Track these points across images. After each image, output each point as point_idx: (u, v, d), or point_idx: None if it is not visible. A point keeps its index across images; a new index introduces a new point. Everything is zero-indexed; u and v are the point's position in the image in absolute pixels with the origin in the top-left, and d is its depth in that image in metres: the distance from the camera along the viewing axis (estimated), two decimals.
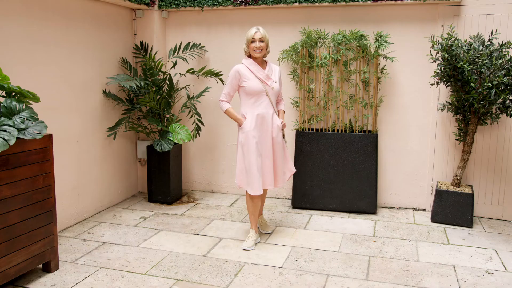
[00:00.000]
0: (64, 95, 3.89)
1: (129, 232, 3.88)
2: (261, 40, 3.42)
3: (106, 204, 4.54)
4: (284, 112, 3.79)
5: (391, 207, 4.59)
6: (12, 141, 2.56)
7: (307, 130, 4.51)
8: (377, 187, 4.50)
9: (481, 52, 3.61)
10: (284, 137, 3.67)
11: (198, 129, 4.78)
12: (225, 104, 3.52)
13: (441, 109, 4.20)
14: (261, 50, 3.43)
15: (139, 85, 4.36)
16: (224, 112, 3.53)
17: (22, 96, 2.87)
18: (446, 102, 4.14)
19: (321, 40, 4.35)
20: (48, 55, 3.69)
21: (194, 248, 3.53)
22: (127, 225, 4.06)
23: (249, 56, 3.51)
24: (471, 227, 4.01)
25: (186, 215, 4.34)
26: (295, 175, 4.48)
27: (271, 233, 3.84)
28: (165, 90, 4.67)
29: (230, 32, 4.80)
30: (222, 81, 4.72)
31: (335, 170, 4.39)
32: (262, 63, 3.54)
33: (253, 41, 3.43)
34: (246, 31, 3.80)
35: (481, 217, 4.32)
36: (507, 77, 3.52)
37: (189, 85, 4.95)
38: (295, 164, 4.47)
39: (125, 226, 4.02)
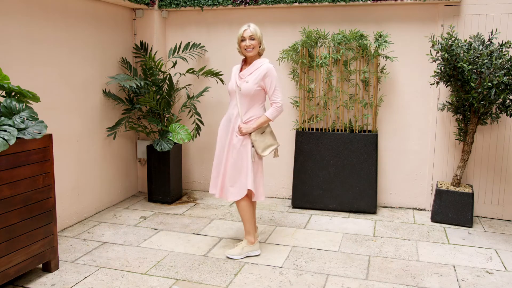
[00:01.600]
0: (64, 95, 3.89)
1: (129, 232, 3.88)
2: (251, 38, 3.19)
3: (106, 204, 4.54)
4: (268, 120, 3.24)
5: (391, 207, 4.59)
6: (12, 141, 2.56)
7: (307, 130, 4.51)
8: (377, 186, 4.50)
9: (481, 51, 3.61)
10: (253, 145, 3.22)
11: (198, 129, 4.78)
12: None
13: (441, 109, 4.20)
14: (253, 48, 3.20)
15: (139, 85, 4.36)
16: None
17: (22, 96, 2.87)
18: (446, 101, 4.14)
19: (321, 40, 4.35)
20: (48, 55, 3.69)
21: (194, 248, 3.53)
22: (127, 225, 4.06)
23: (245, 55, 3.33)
24: (471, 227, 4.01)
25: (186, 215, 4.34)
26: (295, 174, 4.48)
27: (257, 255, 3.40)
28: (165, 90, 4.67)
29: (230, 32, 4.79)
30: (222, 81, 4.72)
31: (335, 170, 4.39)
32: (252, 61, 3.28)
33: (243, 39, 3.22)
34: None
35: (481, 216, 4.32)
36: (507, 77, 3.52)
37: (189, 85, 4.95)
38: (295, 164, 4.47)
39: (125, 226, 4.02)
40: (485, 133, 4.23)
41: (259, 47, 3.26)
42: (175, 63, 4.77)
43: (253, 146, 3.23)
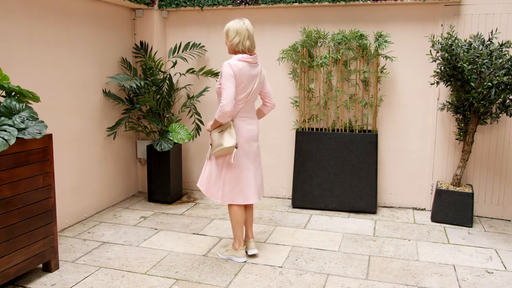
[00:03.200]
0: (64, 95, 3.89)
1: (129, 231, 3.88)
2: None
3: (106, 204, 4.54)
4: (216, 120, 3.10)
5: (391, 207, 4.59)
6: (12, 141, 2.56)
7: (307, 130, 4.51)
8: (377, 186, 4.50)
9: (481, 51, 3.61)
10: (211, 144, 3.22)
11: (198, 128, 4.78)
12: None
13: (441, 109, 4.20)
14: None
15: (139, 84, 4.36)
16: None
17: (22, 95, 2.87)
18: (446, 101, 4.14)
19: (321, 40, 4.35)
20: (48, 55, 3.69)
21: (194, 248, 3.53)
22: (127, 224, 4.06)
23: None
24: (471, 227, 4.01)
25: (186, 214, 4.34)
26: (295, 174, 4.48)
27: (240, 261, 3.32)
28: (165, 90, 4.67)
29: None
30: None
31: (335, 169, 4.39)
32: None
33: None
34: None
35: (481, 216, 4.32)
36: (507, 77, 3.52)
37: (189, 84, 4.95)
38: (295, 164, 4.48)
39: (125, 226, 4.02)
40: (485, 133, 4.23)
41: (228, 43, 3.14)
42: (175, 63, 4.77)
43: (211, 144, 3.23)
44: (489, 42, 3.76)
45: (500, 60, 3.53)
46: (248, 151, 3.21)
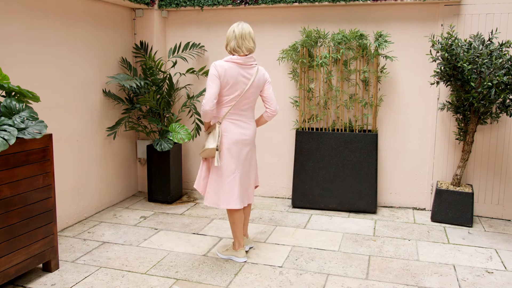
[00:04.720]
0: (64, 95, 3.89)
1: (129, 231, 3.88)
2: None
3: (106, 204, 4.54)
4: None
5: (391, 207, 4.59)
6: (12, 141, 2.56)
7: (307, 130, 4.51)
8: (377, 186, 4.50)
9: (481, 51, 3.61)
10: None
11: (198, 128, 4.78)
12: None
13: (441, 109, 4.19)
14: None
15: (139, 84, 4.36)
16: None
17: (22, 95, 2.87)
18: (446, 101, 4.14)
19: (321, 40, 4.35)
20: (48, 55, 3.69)
21: (194, 248, 3.53)
22: (127, 224, 4.06)
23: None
24: (471, 227, 4.01)
25: (186, 214, 4.34)
26: (295, 174, 4.49)
27: (240, 261, 3.33)
28: (165, 90, 4.67)
29: None
30: None
31: (335, 169, 4.39)
32: None
33: None
34: None
35: (481, 216, 4.32)
36: (507, 77, 3.52)
37: (189, 84, 4.95)
38: (295, 164, 4.48)
39: (125, 226, 4.02)
40: (485, 133, 4.23)
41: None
42: (175, 63, 4.77)
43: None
44: (489, 42, 3.76)
45: (500, 60, 3.53)
46: (236, 155, 3.14)
